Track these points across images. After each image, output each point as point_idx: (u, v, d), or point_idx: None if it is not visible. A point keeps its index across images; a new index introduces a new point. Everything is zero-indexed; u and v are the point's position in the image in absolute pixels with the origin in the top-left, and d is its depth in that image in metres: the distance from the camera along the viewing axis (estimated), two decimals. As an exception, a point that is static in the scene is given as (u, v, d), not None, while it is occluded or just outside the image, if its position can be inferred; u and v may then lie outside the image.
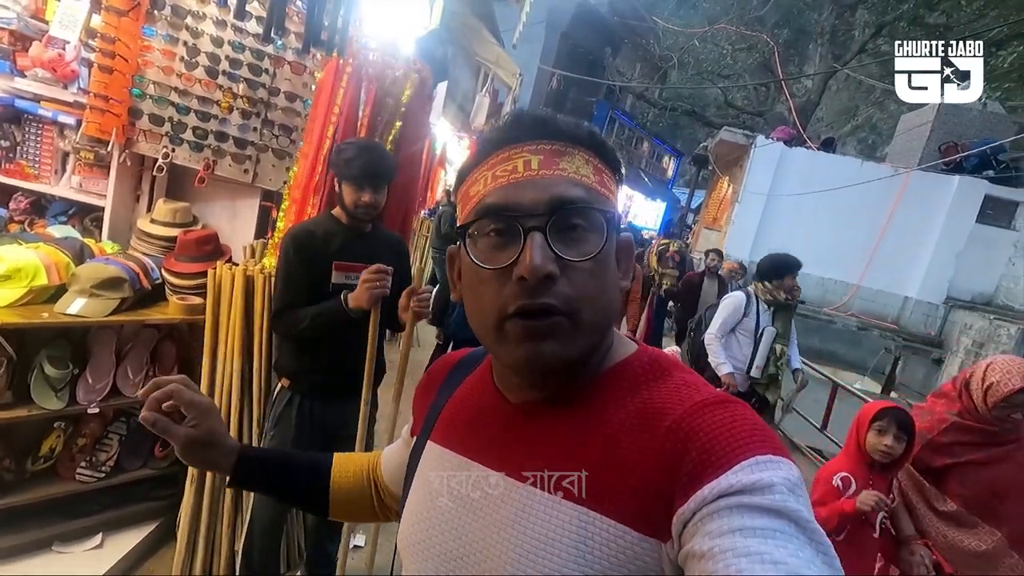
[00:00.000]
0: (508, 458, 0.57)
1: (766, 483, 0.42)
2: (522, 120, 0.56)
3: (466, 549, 0.56)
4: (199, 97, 2.30)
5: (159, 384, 0.72)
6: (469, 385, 0.69)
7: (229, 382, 2.16)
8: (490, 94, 6.33)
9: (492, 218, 0.54)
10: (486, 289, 0.54)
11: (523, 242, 0.51)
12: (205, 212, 2.57)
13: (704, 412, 0.49)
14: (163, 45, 2.23)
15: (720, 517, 0.41)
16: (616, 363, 0.59)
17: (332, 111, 2.11)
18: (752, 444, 0.45)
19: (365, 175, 1.71)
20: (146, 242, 2.33)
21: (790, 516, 0.41)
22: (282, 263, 1.80)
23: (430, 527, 0.60)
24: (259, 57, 2.33)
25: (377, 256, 1.86)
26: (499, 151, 0.56)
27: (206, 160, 2.36)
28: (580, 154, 0.55)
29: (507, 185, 0.54)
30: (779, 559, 0.38)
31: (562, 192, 0.52)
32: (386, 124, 2.23)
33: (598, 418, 0.54)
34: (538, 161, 0.54)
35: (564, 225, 0.52)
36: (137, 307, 2.10)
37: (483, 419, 0.63)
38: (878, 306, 10.17)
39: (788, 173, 10.20)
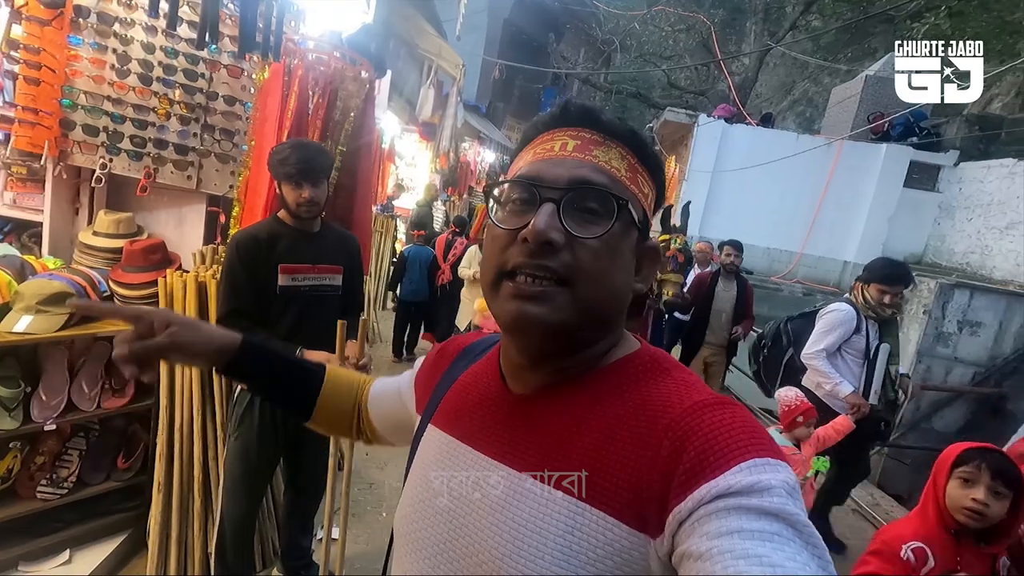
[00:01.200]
0: (506, 447, 0.58)
1: (764, 486, 0.42)
2: (569, 108, 0.59)
3: (456, 533, 0.58)
4: (134, 105, 2.28)
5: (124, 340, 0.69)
6: (475, 372, 0.69)
7: (189, 389, 2.17)
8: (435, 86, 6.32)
9: (518, 186, 0.57)
10: (496, 247, 0.57)
11: (537, 210, 0.54)
12: (150, 221, 2.54)
13: (702, 412, 0.49)
14: (91, 54, 2.19)
15: (718, 518, 0.42)
16: (618, 359, 0.59)
17: (286, 115, 2.12)
18: (750, 446, 0.45)
19: (300, 172, 1.73)
20: (90, 255, 2.30)
21: (788, 519, 0.41)
22: (226, 268, 1.81)
23: (426, 522, 0.62)
24: (194, 62, 2.32)
25: (325, 256, 1.89)
26: (543, 133, 0.60)
27: (147, 168, 2.34)
28: (617, 148, 0.57)
29: (541, 160, 0.57)
30: (777, 562, 0.38)
31: (586, 174, 0.55)
32: (337, 124, 2.25)
33: (596, 411, 0.55)
34: (574, 145, 0.57)
35: (579, 204, 0.54)
36: (87, 321, 2.08)
37: (485, 406, 0.64)
38: (820, 271, 10.70)
39: (731, 149, 10.56)
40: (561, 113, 0.59)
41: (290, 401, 0.87)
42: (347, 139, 2.25)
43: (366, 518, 2.90)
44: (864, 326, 2.97)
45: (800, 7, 15.68)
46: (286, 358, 0.87)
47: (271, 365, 0.83)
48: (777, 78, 21.29)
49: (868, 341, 2.97)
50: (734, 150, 10.49)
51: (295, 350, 1.73)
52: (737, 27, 18.72)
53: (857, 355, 2.98)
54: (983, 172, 9.19)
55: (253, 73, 2.36)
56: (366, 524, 2.85)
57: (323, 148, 1.89)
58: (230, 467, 1.90)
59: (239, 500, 1.90)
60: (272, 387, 0.85)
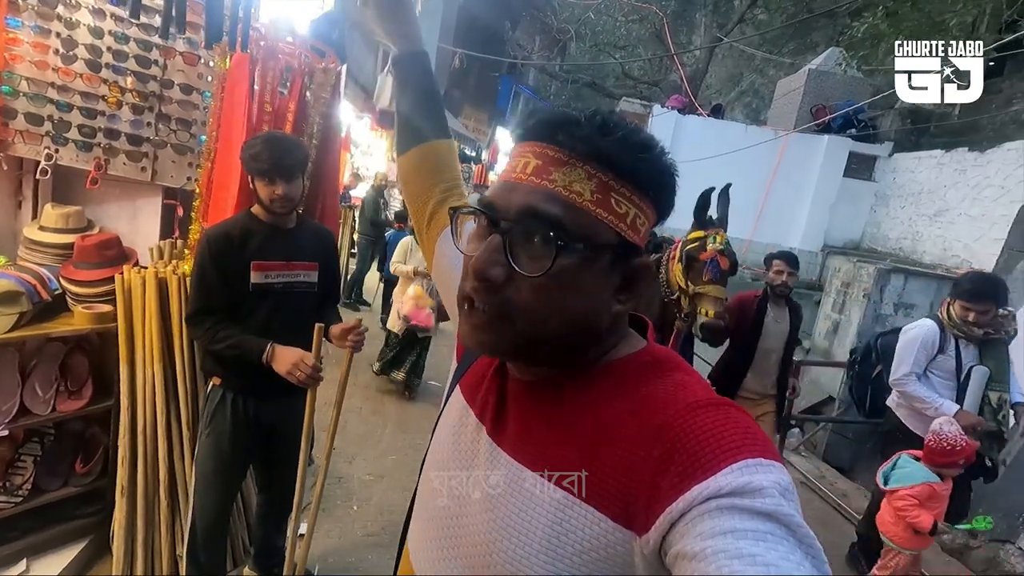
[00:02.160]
0: (509, 435, 0.60)
1: (756, 486, 0.42)
2: (538, 119, 0.57)
3: (456, 531, 0.61)
4: (82, 92, 2.16)
5: None
6: None
7: (152, 388, 2.11)
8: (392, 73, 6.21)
9: (478, 210, 0.57)
10: (463, 265, 0.58)
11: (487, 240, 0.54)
12: (101, 215, 2.43)
13: (697, 413, 0.49)
14: (33, 37, 2.06)
15: (711, 518, 0.42)
16: (619, 358, 0.59)
17: (264, 109, 2.05)
18: (743, 447, 0.45)
19: (275, 167, 1.69)
20: (37, 251, 2.18)
21: (781, 519, 0.41)
22: (196, 266, 1.76)
23: (428, 512, 0.65)
24: (147, 48, 2.22)
25: (299, 253, 1.86)
26: (519, 144, 0.58)
27: (97, 160, 2.23)
28: (583, 167, 0.53)
29: (503, 182, 0.56)
30: (771, 561, 0.38)
31: (534, 204, 0.52)
32: (308, 118, 2.21)
33: (594, 409, 0.55)
34: (535, 166, 0.54)
35: (525, 236, 0.53)
36: (38, 320, 1.99)
37: (495, 383, 0.65)
38: (768, 258, 11.18)
39: (683, 140, 10.85)
40: (532, 126, 0.57)
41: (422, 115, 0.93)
42: (319, 132, 2.21)
43: (336, 512, 2.89)
44: (952, 345, 2.70)
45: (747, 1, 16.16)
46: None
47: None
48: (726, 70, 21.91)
49: (959, 362, 2.68)
50: (687, 140, 10.78)
51: (267, 345, 1.71)
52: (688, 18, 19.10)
53: (946, 377, 2.70)
54: (914, 163, 9.78)
55: (211, 61, 2.28)
56: (336, 518, 2.84)
57: (298, 142, 1.85)
58: (201, 465, 1.87)
59: (212, 498, 1.87)
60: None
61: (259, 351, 1.70)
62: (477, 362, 0.71)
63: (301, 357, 1.69)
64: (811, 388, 6.05)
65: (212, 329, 1.72)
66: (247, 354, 1.71)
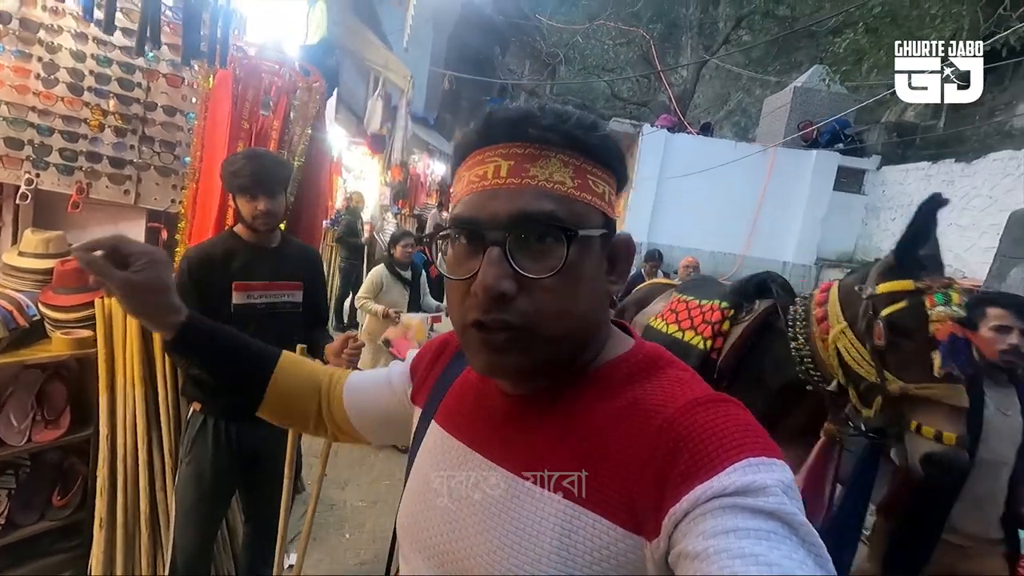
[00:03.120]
0: (505, 452, 0.58)
1: (760, 485, 0.42)
2: (493, 120, 0.54)
3: (454, 536, 0.57)
4: (63, 116, 2.14)
5: (96, 244, 0.69)
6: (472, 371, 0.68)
7: (132, 415, 2.04)
8: (383, 98, 6.26)
9: (459, 229, 0.54)
10: (454, 294, 0.55)
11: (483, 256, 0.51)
12: (83, 239, 2.37)
13: (696, 411, 0.49)
14: (13, 62, 2.05)
15: (714, 518, 0.41)
16: (610, 360, 0.58)
17: (241, 126, 2.04)
18: (746, 445, 0.45)
19: (256, 183, 1.65)
20: (15, 277, 2.13)
21: (784, 518, 0.41)
22: (176, 288, 1.71)
23: (428, 522, 0.61)
24: (129, 71, 2.21)
25: (283, 272, 1.82)
26: (474, 152, 0.55)
27: (79, 183, 2.20)
28: (557, 157, 0.52)
29: (476, 193, 0.53)
30: (773, 561, 0.38)
31: (524, 206, 0.51)
32: (292, 136, 2.19)
33: (592, 413, 0.54)
34: (508, 168, 0.52)
35: (525, 240, 0.51)
36: (15, 347, 1.93)
37: (483, 408, 0.63)
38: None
39: (673, 157, 10.96)
40: (485, 129, 0.54)
41: (238, 381, 0.82)
42: (304, 152, 2.19)
43: (329, 541, 2.79)
44: None
45: (731, 23, 16.53)
46: (238, 335, 0.82)
47: (221, 339, 0.79)
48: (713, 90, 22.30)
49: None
50: (677, 158, 10.89)
51: None
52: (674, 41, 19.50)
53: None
54: (902, 175, 9.89)
55: (195, 82, 2.27)
56: (329, 547, 2.75)
57: (280, 159, 1.82)
58: (182, 495, 1.79)
59: (193, 529, 1.79)
60: (220, 363, 0.80)
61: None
62: (448, 396, 0.69)
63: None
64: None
65: None
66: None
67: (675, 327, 2.20)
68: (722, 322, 2.02)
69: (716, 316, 2.05)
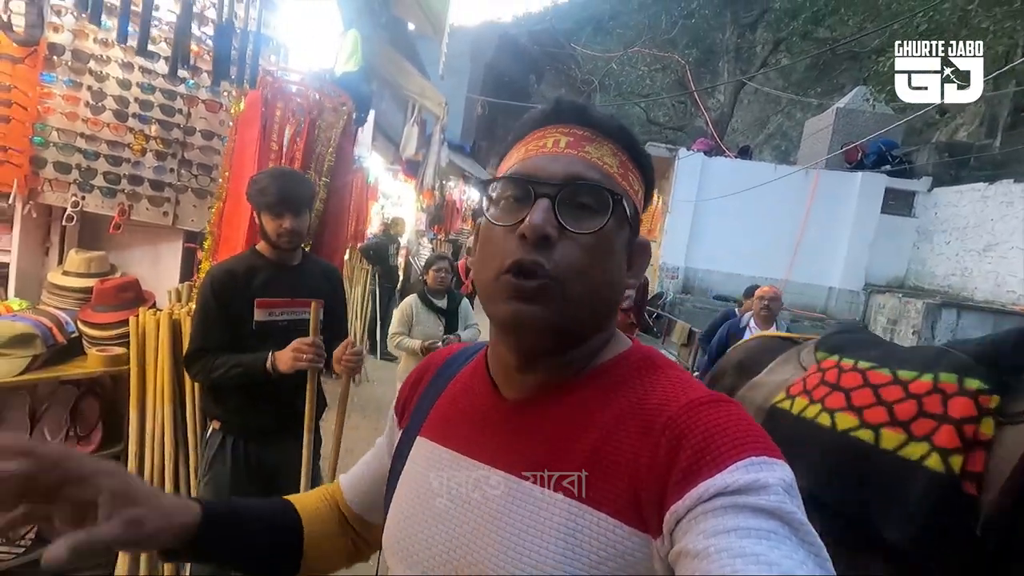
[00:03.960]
0: (504, 454, 0.57)
1: (762, 484, 0.42)
2: (562, 104, 0.59)
3: (455, 543, 0.56)
4: (108, 141, 2.23)
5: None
6: (463, 380, 0.68)
7: (161, 432, 2.06)
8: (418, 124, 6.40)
9: (512, 183, 0.57)
10: (493, 246, 0.56)
11: (532, 205, 0.54)
12: (124, 259, 2.47)
13: (698, 410, 0.49)
14: (65, 91, 2.16)
15: (715, 516, 0.41)
16: (610, 359, 0.59)
17: (270, 147, 2.09)
18: (747, 444, 0.45)
19: (281, 201, 1.68)
20: (58, 295, 2.21)
21: (785, 518, 0.41)
22: (199, 304, 1.74)
23: (422, 526, 0.59)
24: (171, 97, 2.29)
25: (304, 289, 1.82)
26: (536, 130, 0.59)
27: (120, 205, 2.28)
28: (609, 145, 0.57)
29: (533, 157, 0.57)
30: (774, 560, 0.38)
31: (580, 170, 0.55)
32: (319, 156, 2.23)
33: (591, 413, 0.54)
34: (567, 142, 0.57)
35: (573, 199, 0.54)
36: (52, 364, 1.98)
37: (478, 416, 0.62)
38: (806, 298, 10.79)
39: (711, 181, 10.79)
40: (553, 110, 0.59)
41: (275, 552, 0.69)
42: (330, 171, 2.21)
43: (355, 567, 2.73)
44: None
45: (769, 46, 16.39)
46: (247, 507, 0.69)
47: (240, 526, 0.65)
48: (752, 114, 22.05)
49: None
50: (715, 181, 10.71)
51: (266, 356, 1.66)
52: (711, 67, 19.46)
53: None
54: (956, 196, 9.44)
55: (231, 107, 2.34)
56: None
57: (305, 178, 1.85)
58: None
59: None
60: (250, 549, 0.66)
61: (261, 362, 1.65)
62: (433, 412, 0.67)
63: (297, 342, 1.63)
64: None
65: (209, 360, 1.68)
66: (249, 369, 1.65)
67: (850, 418, 1.23)
68: (978, 420, 1.05)
69: (962, 408, 1.08)
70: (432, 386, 0.70)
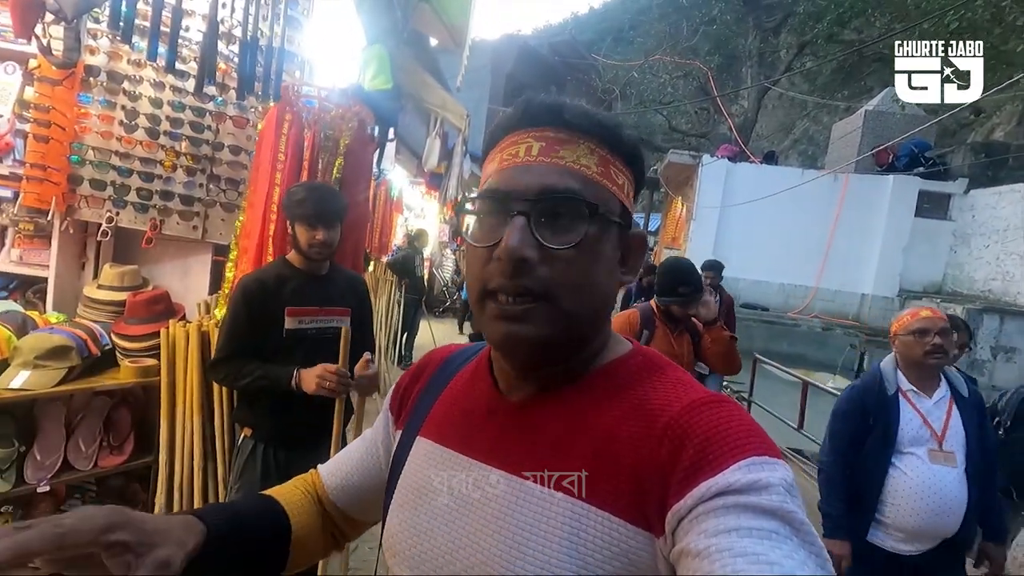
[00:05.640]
0: (506, 455, 0.57)
1: (763, 484, 0.42)
2: (531, 106, 0.57)
3: (457, 544, 0.55)
4: (141, 158, 2.30)
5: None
6: (463, 380, 0.67)
7: (190, 442, 2.09)
8: (440, 137, 6.46)
9: (488, 200, 0.56)
10: (476, 264, 0.56)
11: (508, 224, 0.53)
12: (155, 273, 2.53)
13: (700, 410, 0.49)
14: (100, 111, 2.24)
15: (717, 516, 0.41)
16: (611, 361, 0.59)
17: (278, 158, 2.14)
18: (749, 444, 0.45)
19: (316, 213, 1.72)
20: (93, 308, 2.27)
21: (785, 518, 0.41)
22: (229, 313, 1.77)
23: (424, 526, 0.59)
24: (200, 114, 2.36)
25: (333, 299, 1.85)
26: (508, 135, 0.58)
27: (152, 220, 2.34)
28: (585, 143, 0.55)
29: (507, 168, 0.56)
30: (774, 560, 0.38)
31: (553, 181, 0.53)
32: (327, 164, 2.26)
33: (593, 414, 0.54)
34: (539, 148, 0.55)
35: (549, 213, 0.53)
36: (86, 375, 2.03)
37: (479, 415, 0.62)
38: (838, 305, 10.50)
39: (736, 187, 10.62)
40: (524, 112, 0.57)
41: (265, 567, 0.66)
42: (338, 181, 2.24)
43: (356, 567, 2.72)
44: None
45: (793, 50, 16.15)
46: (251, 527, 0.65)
47: (238, 547, 0.61)
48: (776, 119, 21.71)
49: None
50: (740, 187, 10.54)
51: (292, 372, 1.68)
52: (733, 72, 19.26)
53: None
54: (995, 198, 9.10)
55: (258, 123, 2.39)
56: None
57: (338, 192, 1.90)
58: None
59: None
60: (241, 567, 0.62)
61: (287, 377, 1.67)
62: (433, 411, 0.66)
63: (325, 368, 1.64)
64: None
65: (236, 367, 1.71)
66: (274, 383, 1.68)
67: None
68: None
69: None
70: (431, 386, 0.70)
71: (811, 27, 14.67)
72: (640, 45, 19.75)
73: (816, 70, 15.46)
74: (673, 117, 19.43)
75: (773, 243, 10.40)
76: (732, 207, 10.46)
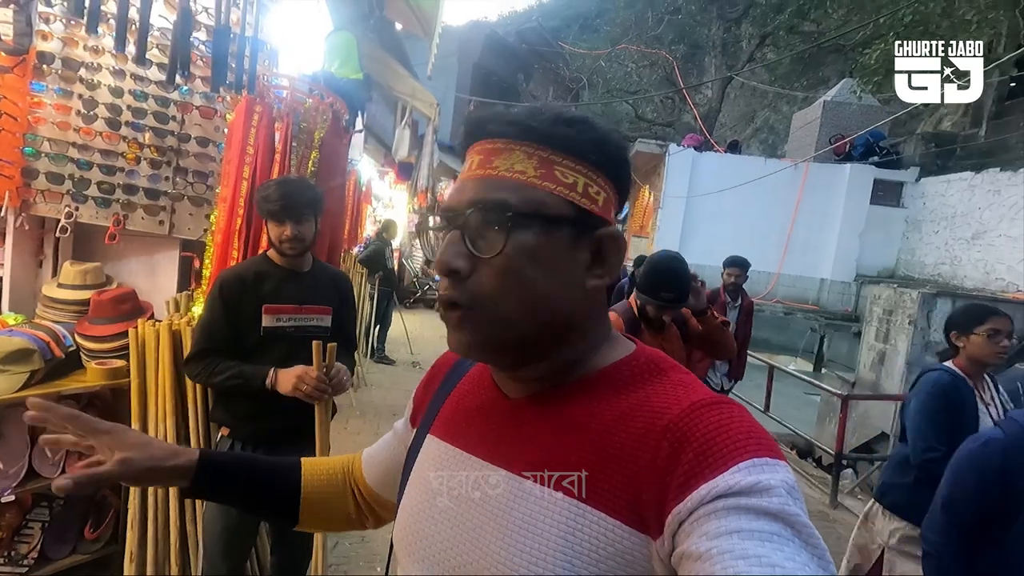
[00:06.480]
0: (506, 453, 0.58)
1: (765, 485, 0.42)
2: (469, 124, 0.60)
3: (457, 541, 0.57)
4: (101, 150, 2.19)
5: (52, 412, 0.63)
6: (470, 380, 0.70)
7: (164, 445, 2.03)
8: (410, 126, 6.37)
9: (439, 217, 0.60)
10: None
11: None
12: (120, 270, 2.43)
13: (701, 412, 0.49)
14: (56, 100, 2.12)
15: (718, 518, 0.42)
16: (612, 362, 0.59)
17: (246, 152, 2.07)
18: (750, 446, 0.46)
19: (283, 208, 1.69)
20: (54, 308, 2.17)
21: (787, 520, 0.41)
22: (206, 307, 1.74)
23: (427, 524, 0.60)
24: (164, 104, 2.26)
25: (313, 297, 1.82)
26: (466, 152, 0.60)
27: (115, 215, 2.24)
28: (521, 149, 0.55)
29: (454, 186, 0.59)
30: (776, 562, 0.38)
31: (481, 194, 0.55)
32: (302, 158, 2.20)
33: (595, 414, 0.55)
34: (478, 161, 0.57)
35: (478, 224, 0.54)
36: (51, 378, 1.94)
37: (483, 414, 0.63)
38: (799, 290, 10.85)
39: (702, 176, 10.82)
40: (467, 131, 0.60)
41: (271, 507, 0.80)
42: (314, 174, 2.19)
43: (366, 563, 2.72)
44: None
45: (755, 41, 16.47)
46: (252, 464, 0.83)
47: (237, 477, 0.77)
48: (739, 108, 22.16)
49: None
50: (705, 176, 10.74)
51: (268, 372, 1.65)
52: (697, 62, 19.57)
53: None
54: (944, 186, 9.52)
55: (227, 113, 2.31)
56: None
57: (310, 184, 1.85)
58: (209, 524, 1.76)
59: (220, 561, 1.75)
60: (247, 498, 0.79)
61: (262, 376, 1.64)
62: (444, 410, 0.69)
63: (304, 371, 1.62)
64: (861, 424, 5.67)
65: (211, 363, 1.67)
66: (249, 382, 1.65)
67: None
68: None
69: None
70: (443, 386, 0.73)
71: (772, 18, 15.00)
72: (607, 33, 19.81)
73: (777, 61, 15.82)
74: (639, 106, 19.62)
75: (737, 230, 10.65)
76: (698, 196, 10.66)
